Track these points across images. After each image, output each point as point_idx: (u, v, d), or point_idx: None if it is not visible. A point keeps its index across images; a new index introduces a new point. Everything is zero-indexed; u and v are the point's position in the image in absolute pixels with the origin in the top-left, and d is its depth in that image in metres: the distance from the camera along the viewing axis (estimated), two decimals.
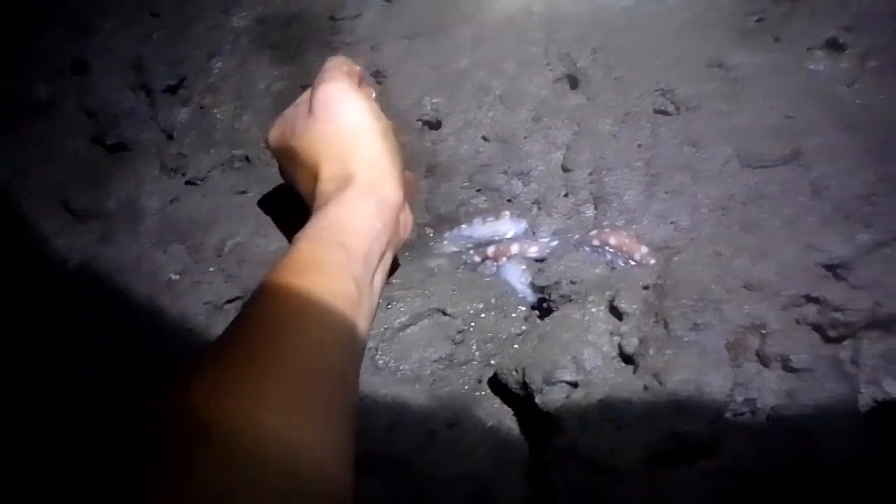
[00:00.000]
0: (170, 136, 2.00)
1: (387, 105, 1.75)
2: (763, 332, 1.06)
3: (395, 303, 1.38)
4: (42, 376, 1.41)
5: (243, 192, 1.74)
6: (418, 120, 1.75)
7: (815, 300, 1.09)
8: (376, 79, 1.91)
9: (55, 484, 1.03)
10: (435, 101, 1.73)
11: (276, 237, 1.57)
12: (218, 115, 2.00)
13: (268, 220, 1.62)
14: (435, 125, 1.72)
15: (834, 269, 1.15)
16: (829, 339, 1.11)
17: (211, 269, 1.49)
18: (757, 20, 1.72)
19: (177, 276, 1.49)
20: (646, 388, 1.01)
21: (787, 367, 1.03)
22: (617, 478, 0.94)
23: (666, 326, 1.07)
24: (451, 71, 1.80)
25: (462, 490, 1.14)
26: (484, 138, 1.62)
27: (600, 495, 0.95)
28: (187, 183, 1.80)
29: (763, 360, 1.06)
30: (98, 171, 1.96)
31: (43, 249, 1.71)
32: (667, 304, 1.10)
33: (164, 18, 2.29)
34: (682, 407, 0.97)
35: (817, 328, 1.10)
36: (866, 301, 1.07)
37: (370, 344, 1.30)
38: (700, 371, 1.00)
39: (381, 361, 1.31)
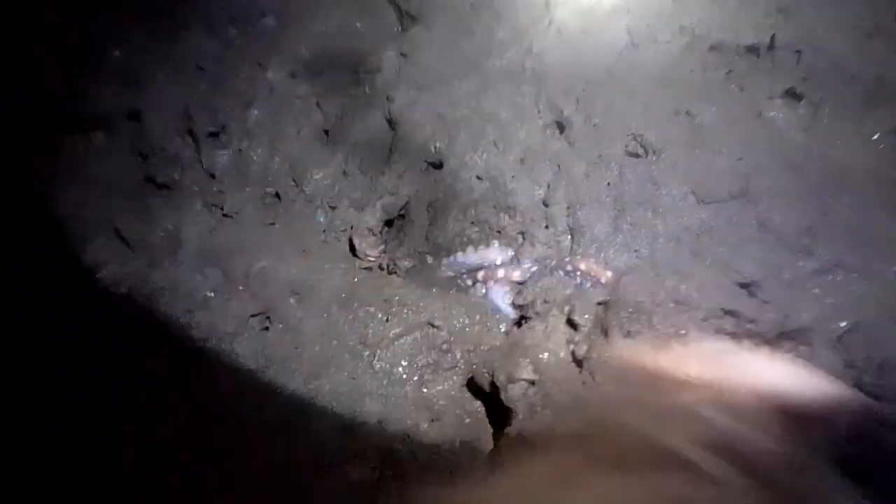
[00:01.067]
0: (212, 176, 2.28)
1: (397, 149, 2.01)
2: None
3: (392, 317, 1.61)
4: (97, 377, 1.67)
5: (272, 224, 2.00)
6: (424, 161, 1.98)
7: (731, 313, 1.28)
8: (390, 126, 2.17)
9: (55, 483, 1.23)
10: (438, 145, 1.97)
11: (295, 264, 1.81)
12: (254, 158, 2.29)
13: (290, 249, 1.87)
14: (438, 166, 1.96)
15: (747, 287, 1.34)
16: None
17: (240, 289, 1.74)
18: (726, 72, 1.93)
19: (211, 294, 1.75)
20: (583, 383, 1.22)
21: None
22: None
23: (606, 334, 1.28)
24: (454, 118, 2.05)
25: (439, 475, 1.35)
26: (478, 177, 1.85)
27: None
28: (224, 216, 2.06)
29: None
30: (148, 206, 2.26)
31: (98, 272, 1.99)
32: (610, 316, 1.31)
33: (208, 71, 2.61)
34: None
35: (733, 337, 1.29)
36: (776, 314, 1.26)
37: (367, 350, 1.53)
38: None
39: (377, 365, 1.54)
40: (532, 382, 1.25)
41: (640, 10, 2.07)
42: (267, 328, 1.66)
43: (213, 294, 1.75)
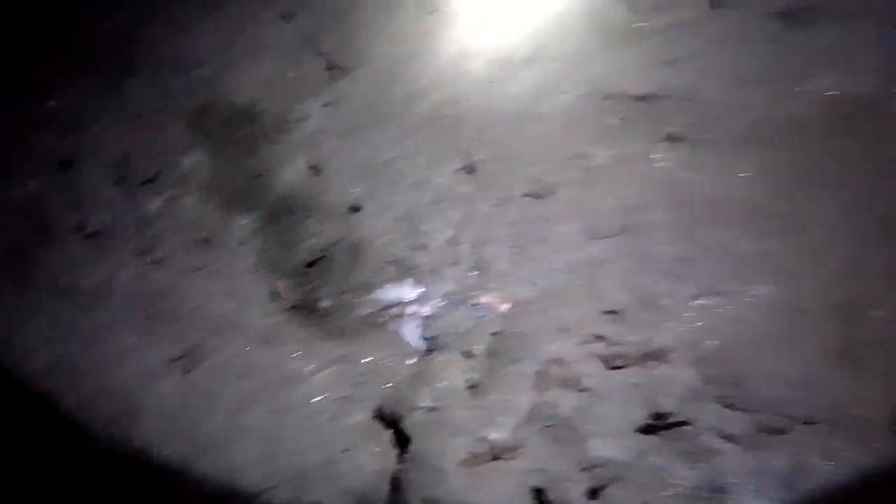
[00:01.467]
0: (145, 222, 2.37)
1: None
2: (564, 363, 1.40)
3: (310, 354, 1.72)
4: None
5: (200, 269, 2.10)
6: (345, 206, 2.11)
7: (601, 338, 1.43)
8: (315, 172, 2.30)
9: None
10: (358, 189, 2.11)
11: (220, 306, 1.92)
12: (186, 204, 2.39)
13: (216, 292, 1.97)
14: (358, 209, 2.09)
15: (616, 314, 1.49)
16: (613, 367, 1.45)
17: (166, 332, 1.83)
18: (620, 118, 2.11)
19: (137, 338, 1.84)
20: (474, 407, 1.34)
21: (579, 389, 1.36)
22: (441, 474, 1.26)
23: (494, 361, 1.41)
24: (374, 164, 2.19)
25: (349, 500, 1.45)
26: (394, 219, 1.98)
27: (431, 489, 1.27)
28: (154, 262, 2.15)
29: (565, 385, 1.39)
30: (81, 253, 2.33)
31: (31, 318, 2.06)
32: (500, 345, 1.44)
33: (145, 119, 2.72)
34: (492, 420, 1.30)
35: (604, 359, 1.44)
36: (639, 338, 1.41)
37: (286, 386, 1.63)
38: (510, 393, 1.33)
39: (293, 398, 1.64)
40: (432, 409, 1.37)
41: (546, 62, 2.26)
42: (191, 369, 1.74)
43: (139, 338, 1.83)
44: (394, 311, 1.86)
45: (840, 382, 1.49)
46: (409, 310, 1.83)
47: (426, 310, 1.81)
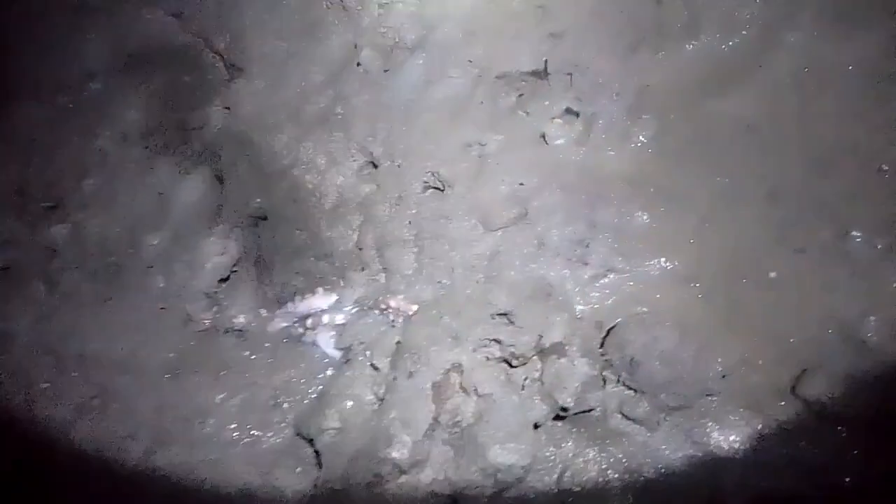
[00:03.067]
0: (52, 251, 2.30)
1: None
2: (461, 370, 1.42)
3: (220, 381, 1.72)
4: None
5: (108, 300, 2.05)
6: (249, 216, 2.08)
7: (496, 341, 1.46)
8: (219, 182, 2.25)
9: None
10: (259, 200, 2.08)
11: (128, 339, 1.89)
12: (92, 229, 2.32)
13: (123, 325, 1.94)
14: (263, 219, 2.06)
15: (506, 316, 1.52)
16: (512, 366, 1.48)
17: (73, 374, 1.80)
18: (517, 97, 2.10)
19: (47, 385, 1.81)
20: (379, 424, 1.36)
21: (478, 394, 1.39)
22: (347, 497, 1.28)
23: (395, 376, 1.43)
24: (274, 171, 2.15)
25: None
26: (298, 230, 1.96)
27: None
28: (60, 297, 2.10)
29: (465, 391, 1.42)
30: None
31: None
32: (399, 358, 1.46)
33: (40, 142, 2.61)
34: (392, 438, 1.32)
35: (501, 361, 1.47)
36: (530, 337, 1.44)
37: (199, 418, 1.63)
38: (408, 408, 1.35)
39: (208, 431, 1.64)
40: (338, 429, 1.38)
41: (433, 47, 2.22)
42: (103, 410, 1.72)
43: (48, 384, 1.80)
44: (308, 322, 1.86)
45: (734, 351, 1.54)
46: (325, 319, 1.83)
47: (340, 318, 1.82)
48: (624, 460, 1.47)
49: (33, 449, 1.66)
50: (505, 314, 1.52)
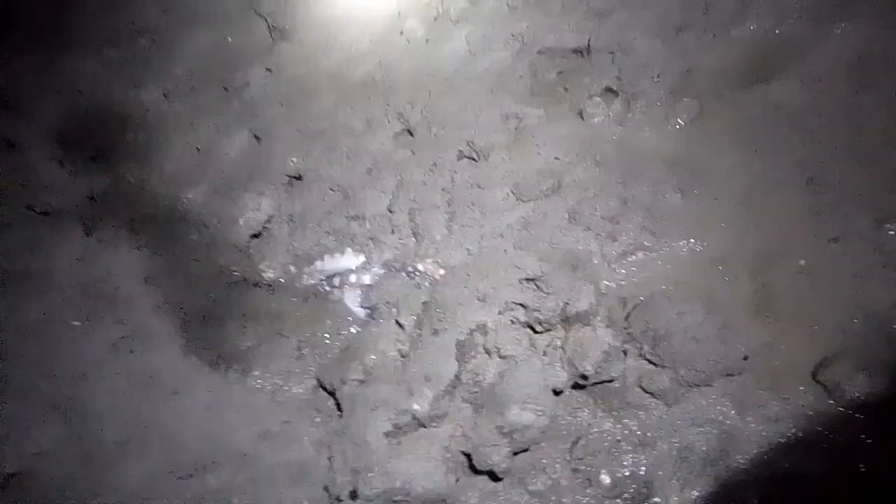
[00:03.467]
0: (91, 200, 2.36)
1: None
2: (486, 331, 1.44)
3: (249, 330, 1.75)
4: None
5: (143, 247, 2.10)
6: (285, 175, 2.11)
7: (521, 305, 1.47)
8: (257, 141, 2.29)
9: None
10: (295, 159, 2.10)
11: (161, 284, 1.93)
12: (131, 180, 2.37)
13: (157, 270, 1.98)
14: (298, 178, 2.09)
15: (533, 282, 1.53)
16: (536, 332, 1.49)
17: (105, 316, 1.85)
18: (557, 73, 2.10)
19: (78, 323, 1.86)
20: (402, 380, 1.39)
21: (500, 356, 1.40)
22: (367, 446, 1.31)
23: (420, 333, 1.45)
24: (311, 133, 2.18)
25: (289, 472, 1.51)
26: (331, 190, 1.99)
27: (359, 461, 1.32)
28: (98, 242, 2.16)
29: (487, 352, 1.44)
30: (28, 235, 2.32)
31: None
32: (426, 315, 1.48)
33: (86, 95, 2.67)
34: (414, 390, 1.34)
35: (526, 325, 1.48)
36: (556, 303, 1.45)
37: (224, 364, 1.67)
38: (431, 363, 1.38)
39: (232, 377, 1.68)
40: (362, 381, 1.41)
41: (478, 20, 2.23)
42: (132, 350, 1.77)
43: (79, 323, 1.85)
44: (336, 280, 1.89)
45: (758, 334, 1.54)
46: (352, 279, 1.86)
47: (367, 278, 1.84)
48: (639, 432, 1.48)
49: (65, 384, 1.71)
50: (533, 279, 1.53)
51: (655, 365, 1.47)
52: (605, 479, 1.42)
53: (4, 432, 1.72)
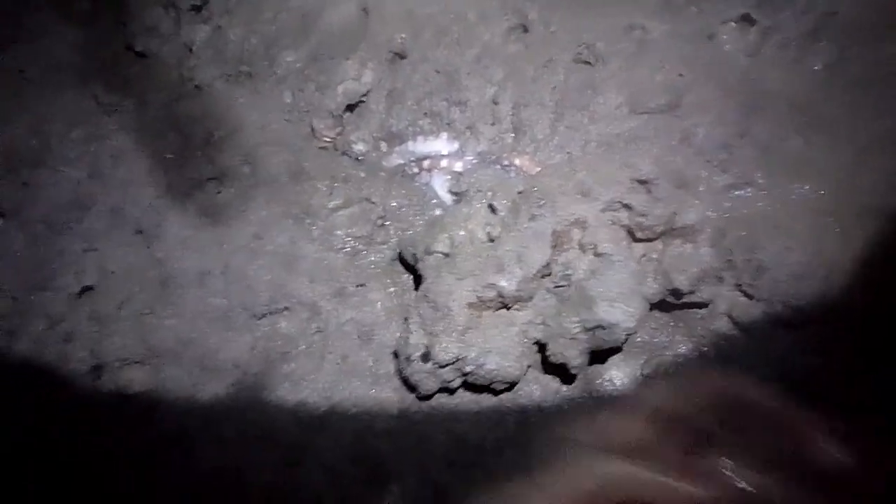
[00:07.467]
0: (189, 49, 2.34)
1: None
2: (584, 226, 1.39)
3: (336, 191, 1.74)
4: None
5: (238, 100, 2.09)
6: (389, 51, 2.06)
7: (627, 206, 1.41)
8: (364, 14, 2.23)
9: None
10: (404, 36, 2.04)
11: (253, 136, 1.93)
12: (231, 36, 2.34)
13: (250, 123, 1.97)
14: (402, 56, 2.04)
15: (645, 184, 1.46)
16: (636, 239, 1.44)
17: (198, 154, 1.86)
18: None
19: (171, 156, 1.87)
20: (487, 255, 1.36)
21: (596, 254, 1.36)
22: (448, 311, 1.29)
23: (516, 217, 1.41)
24: (422, 14, 2.11)
25: (359, 330, 1.51)
26: (437, 71, 1.93)
27: (437, 325, 1.31)
28: (195, 87, 2.15)
29: (582, 248, 1.39)
30: (124, 73, 2.33)
31: (70, 132, 2.10)
32: (522, 202, 1.44)
33: None
34: (502, 268, 1.31)
35: (627, 229, 1.43)
36: (664, 211, 1.39)
37: (308, 219, 1.66)
38: (523, 247, 1.34)
39: (315, 232, 1.68)
40: (446, 255, 1.39)
41: None
42: (219, 192, 1.77)
43: (172, 156, 1.86)
44: (425, 163, 1.85)
45: (860, 290, 1.47)
46: (442, 164, 1.82)
47: (458, 166, 1.80)
48: (717, 364, 1.43)
49: (152, 212, 1.73)
50: (645, 182, 1.47)
51: (750, 297, 1.41)
52: None
53: (88, 245, 1.75)
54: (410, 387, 1.34)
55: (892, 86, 1.73)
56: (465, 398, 1.37)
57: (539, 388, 1.42)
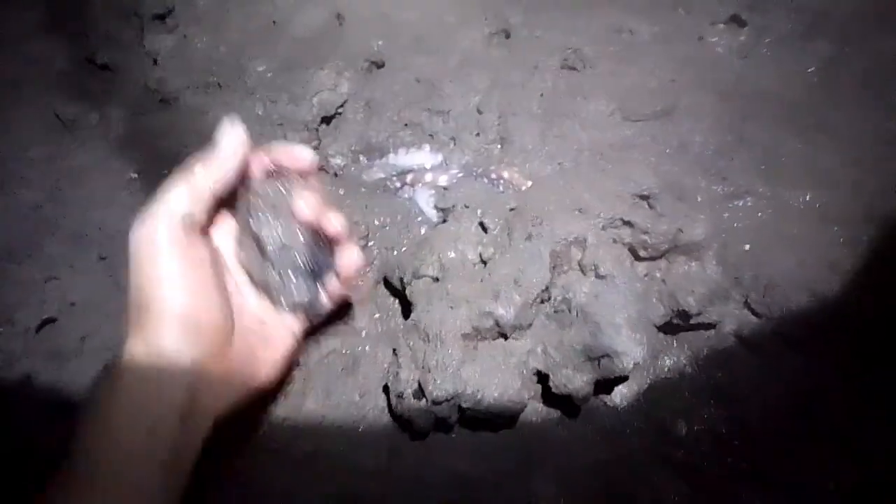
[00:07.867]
0: (154, 61, 2.22)
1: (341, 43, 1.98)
2: (584, 246, 1.30)
3: None
4: None
5: (206, 113, 1.97)
6: (365, 60, 1.95)
7: (628, 223, 1.32)
8: (338, 21, 2.12)
9: None
10: (381, 43, 1.94)
11: None
12: (198, 45, 2.22)
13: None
14: (379, 65, 1.94)
15: (647, 200, 1.38)
16: (639, 258, 1.35)
17: (164, 172, 1.73)
18: None
19: (136, 175, 1.75)
20: (481, 280, 1.26)
21: (598, 275, 1.26)
22: (441, 344, 1.19)
23: (510, 236, 1.32)
24: (400, 20, 2.01)
25: (339, 364, 1.40)
26: (416, 80, 1.83)
27: (430, 358, 1.20)
28: (160, 101, 2.03)
29: (582, 269, 1.30)
30: (85, 87, 2.20)
31: (27, 151, 1.96)
32: (516, 220, 1.34)
33: None
34: (498, 294, 1.21)
35: (629, 247, 1.34)
36: (669, 227, 1.30)
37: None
38: (520, 269, 1.24)
39: None
40: (436, 279, 1.29)
41: None
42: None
43: (136, 175, 1.74)
44: (408, 177, 1.75)
45: (871, 303, 1.39)
46: (426, 178, 1.72)
47: (443, 180, 1.70)
48: (723, 390, 1.35)
49: (117, 236, 1.61)
50: (647, 197, 1.38)
51: (759, 316, 1.33)
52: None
53: (49, 274, 1.62)
54: (403, 424, 1.24)
55: (891, 83, 1.66)
56: (462, 434, 1.27)
57: (540, 420, 1.33)
